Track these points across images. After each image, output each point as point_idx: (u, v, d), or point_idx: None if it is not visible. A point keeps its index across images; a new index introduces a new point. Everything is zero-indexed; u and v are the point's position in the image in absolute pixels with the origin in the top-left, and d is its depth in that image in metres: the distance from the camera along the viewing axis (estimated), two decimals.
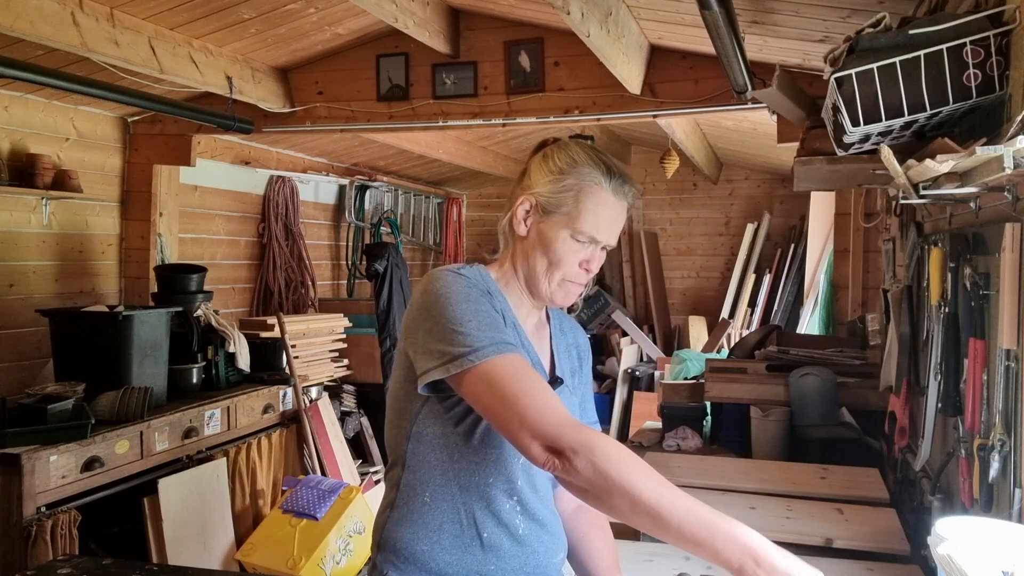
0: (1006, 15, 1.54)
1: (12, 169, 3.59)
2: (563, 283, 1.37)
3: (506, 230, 1.41)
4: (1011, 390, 1.45)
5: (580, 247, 1.35)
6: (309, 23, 3.63)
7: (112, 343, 3.31)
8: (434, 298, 1.25)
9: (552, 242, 1.34)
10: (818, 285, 5.87)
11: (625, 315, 7.13)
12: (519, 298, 1.41)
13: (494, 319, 1.25)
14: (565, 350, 1.50)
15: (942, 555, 1.22)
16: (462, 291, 1.26)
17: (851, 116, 1.68)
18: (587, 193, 1.34)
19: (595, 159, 1.37)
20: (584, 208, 1.33)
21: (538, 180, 1.38)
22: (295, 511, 3.67)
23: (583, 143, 1.42)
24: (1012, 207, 1.42)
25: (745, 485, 2.35)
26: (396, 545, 1.31)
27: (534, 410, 1.13)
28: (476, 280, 1.31)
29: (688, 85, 3.67)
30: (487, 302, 1.27)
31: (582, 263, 1.36)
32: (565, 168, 1.36)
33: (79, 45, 2.94)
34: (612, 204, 1.36)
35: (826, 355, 3.38)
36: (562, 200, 1.34)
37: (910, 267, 2.39)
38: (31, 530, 2.72)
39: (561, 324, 1.53)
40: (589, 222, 1.34)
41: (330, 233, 6.38)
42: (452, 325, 1.21)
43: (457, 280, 1.27)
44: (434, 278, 1.29)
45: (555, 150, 1.40)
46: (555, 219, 1.35)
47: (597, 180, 1.35)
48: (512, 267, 1.40)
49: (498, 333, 1.22)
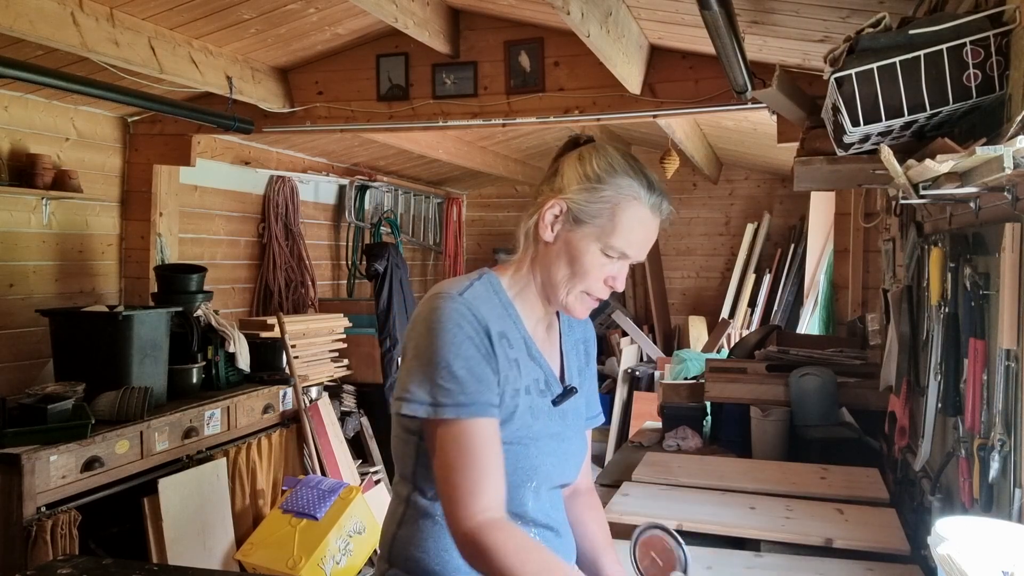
0: (1006, 15, 1.54)
1: (12, 169, 3.59)
2: (582, 296, 1.31)
3: (530, 232, 1.32)
4: (1011, 390, 1.45)
5: (609, 262, 1.28)
6: (309, 23, 3.63)
7: (112, 343, 3.32)
8: (432, 331, 1.22)
9: (581, 254, 1.27)
10: (818, 285, 5.86)
11: (625, 315, 7.13)
12: (533, 304, 1.35)
13: (481, 373, 1.21)
14: (573, 348, 1.46)
15: (942, 555, 1.22)
16: (457, 332, 1.21)
17: (851, 116, 1.68)
18: (624, 207, 1.26)
19: (636, 170, 1.29)
20: (620, 223, 1.26)
21: (571, 184, 1.29)
22: (295, 511, 3.68)
23: (619, 148, 1.34)
24: (1012, 207, 1.42)
25: (745, 485, 2.35)
26: (408, 564, 1.29)
27: (467, 488, 1.17)
28: (477, 307, 1.24)
29: (688, 85, 3.67)
30: (482, 344, 1.22)
31: (608, 279, 1.30)
32: (603, 176, 1.27)
33: (79, 45, 2.94)
34: (648, 221, 1.28)
35: (826, 355, 3.38)
36: (598, 211, 1.26)
37: (910, 267, 2.39)
38: (31, 530, 2.72)
39: (569, 320, 1.47)
40: (623, 238, 1.26)
41: (330, 233, 6.38)
42: (443, 370, 1.20)
43: (454, 314, 1.22)
44: (435, 306, 1.23)
45: (592, 153, 1.31)
46: (586, 230, 1.27)
47: (637, 194, 1.27)
48: (531, 272, 1.34)
49: (481, 392, 1.20)
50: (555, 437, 1.34)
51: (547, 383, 1.35)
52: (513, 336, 1.30)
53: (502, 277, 1.35)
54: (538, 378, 1.34)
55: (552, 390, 1.36)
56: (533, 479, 1.31)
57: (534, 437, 1.30)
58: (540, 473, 1.31)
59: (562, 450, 1.36)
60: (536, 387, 1.33)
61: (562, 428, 1.36)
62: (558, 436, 1.35)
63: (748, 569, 1.83)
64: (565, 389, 1.38)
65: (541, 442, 1.31)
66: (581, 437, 1.44)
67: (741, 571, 1.82)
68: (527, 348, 1.33)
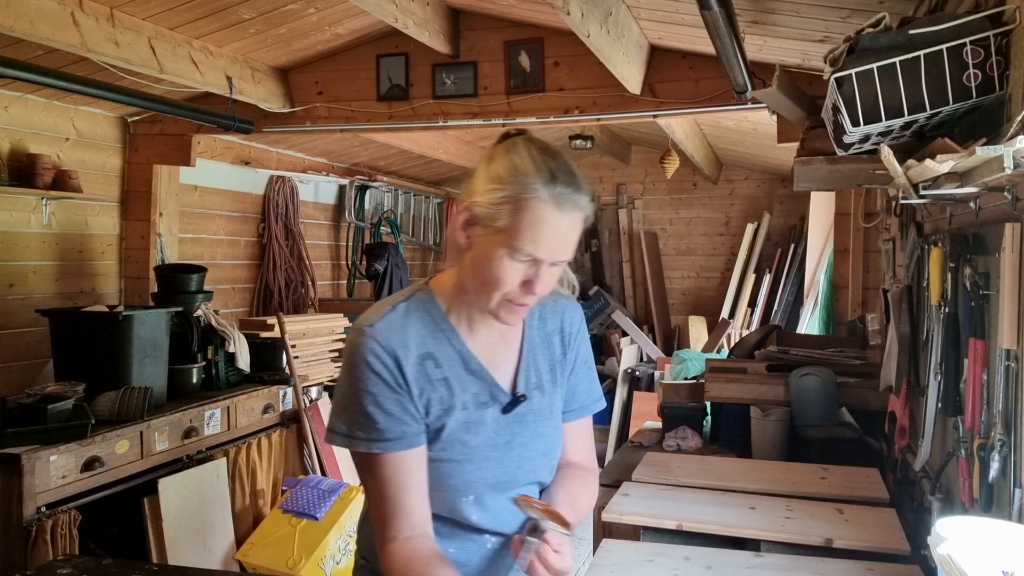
0: (1006, 15, 1.54)
1: (12, 169, 3.59)
2: (505, 303, 1.24)
3: (453, 239, 1.28)
4: (1011, 390, 1.45)
5: (521, 266, 1.20)
6: (309, 23, 3.63)
7: (112, 343, 3.31)
8: (345, 367, 1.28)
9: (489, 260, 1.21)
10: (818, 285, 5.86)
11: (625, 315, 7.13)
12: (476, 310, 1.31)
13: (390, 407, 1.24)
14: (543, 342, 1.41)
15: (942, 555, 1.22)
16: (364, 369, 1.24)
17: (851, 116, 1.68)
18: (525, 207, 1.18)
19: (540, 164, 1.20)
20: (521, 224, 1.18)
21: (479, 187, 1.23)
22: (295, 511, 3.68)
23: (535, 141, 1.26)
24: (1012, 207, 1.42)
25: (745, 485, 2.35)
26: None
27: (380, 516, 1.26)
28: (388, 337, 1.25)
29: (688, 85, 3.67)
30: (390, 377, 1.24)
31: (524, 284, 1.22)
32: (505, 176, 1.20)
33: (79, 45, 2.94)
34: (555, 218, 1.19)
35: (826, 355, 3.38)
36: (498, 213, 1.19)
37: (910, 267, 2.38)
38: (31, 530, 2.72)
39: (541, 311, 1.41)
40: (527, 240, 1.18)
41: (330, 233, 6.38)
42: (354, 407, 1.26)
43: (361, 350, 1.24)
44: (349, 341, 1.29)
45: (500, 152, 1.25)
46: (492, 234, 1.20)
47: (536, 190, 1.18)
48: (461, 280, 1.30)
49: (391, 428, 1.24)
50: (504, 446, 1.33)
51: (492, 394, 1.33)
52: (443, 354, 1.30)
53: (438, 290, 1.34)
54: (478, 391, 1.32)
55: (499, 400, 1.33)
56: (469, 493, 1.31)
57: (469, 452, 1.30)
58: (479, 486, 1.30)
59: (514, 457, 1.34)
60: (476, 401, 1.32)
61: (516, 435, 1.34)
62: (508, 444, 1.33)
63: (748, 569, 1.83)
64: (513, 397, 1.34)
65: (479, 456, 1.31)
66: (551, 435, 1.40)
67: (741, 571, 1.82)
68: (463, 363, 1.31)
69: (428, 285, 1.35)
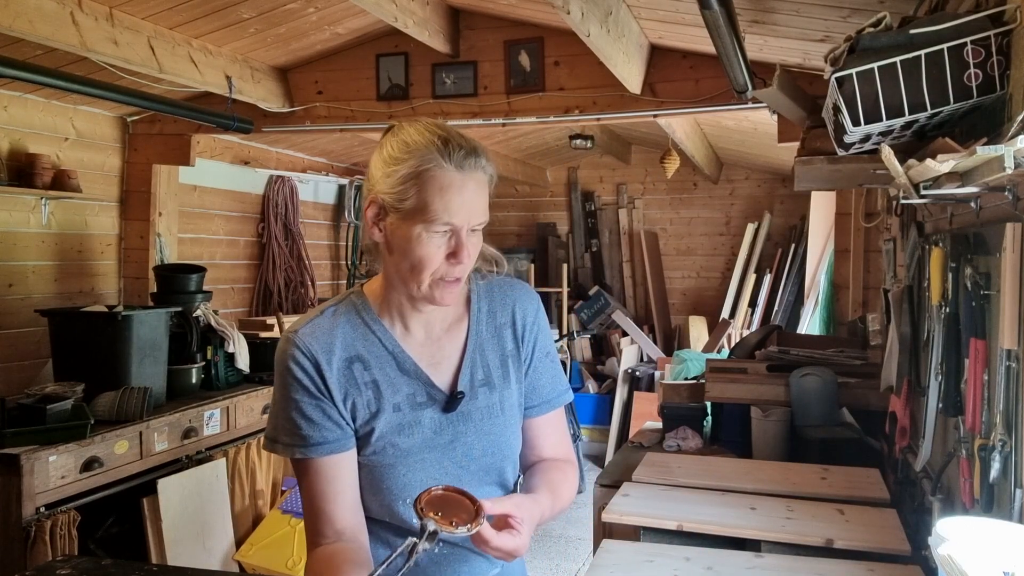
0: (1007, 15, 1.54)
1: (11, 169, 3.59)
2: (436, 283, 1.24)
3: (372, 240, 1.29)
4: (1012, 390, 1.45)
5: (441, 239, 1.21)
6: (309, 23, 3.62)
7: (111, 343, 3.31)
8: (275, 374, 1.31)
9: (409, 242, 1.21)
10: (818, 285, 5.86)
11: (625, 315, 7.13)
12: (410, 310, 1.31)
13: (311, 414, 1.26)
14: (492, 337, 1.37)
15: (943, 555, 1.21)
16: (287, 377, 1.27)
17: (852, 116, 1.68)
18: (427, 177, 1.19)
19: (429, 137, 1.21)
20: (429, 195, 1.19)
21: (377, 177, 1.24)
22: (295, 511, 3.67)
23: (420, 119, 1.27)
24: (1013, 207, 1.41)
25: (745, 485, 2.34)
26: None
27: (308, 519, 1.29)
28: (311, 344, 1.27)
29: (688, 85, 3.67)
30: (312, 384, 1.26)
31: (449, 256, 1.22)
32: (400, 156, 1.21)
33: (78, 45, 2.94)
34: (459, 181, 1.20)
35: (826, 355, 3.38)
36: (403, 193, 1.20)
37: (911, 267, 2.38)
38: (30, 530, 2.71)
39: (490, 304, 1.38)
40: (439, 208, 1.18)
41: (330, 233, 6.38)
42: (280, 413, 1.29)
43: (284, 357, 1.28)
44: (278, 348, 1.31)
45: (387, 139, 1.25)
46: (403, 217, 1.21)
47: (432, 158, 1.19)
48: (388, 279, 1.30)
49: (313, 434, 1.26)
50: (446, 446, 1.30)
51: (428, 395, 1.31)
52: (373, 356, 1.29)
53: (370, 293, 1.34)
54: (414, 392, 1.30)
55: (436, 400, 1.31)
56: (404, 496, 1.28)
57: (402, 455, 1.28)
58: (414, 488, 1.25)
59: (456, 457, 1.31)
60: (411, 402, 1.30)
61: (459, 434, 1.31)
62: (450, 444, 1.31)
63: (748, 569, 1.83)
64: (451, 396, 1.31)
65: (413, 458, 1.29)
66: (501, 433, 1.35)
67: (742, 571, 1.81)
68: (397, 363, 1.30)
69: (361, 289, 1.36)
